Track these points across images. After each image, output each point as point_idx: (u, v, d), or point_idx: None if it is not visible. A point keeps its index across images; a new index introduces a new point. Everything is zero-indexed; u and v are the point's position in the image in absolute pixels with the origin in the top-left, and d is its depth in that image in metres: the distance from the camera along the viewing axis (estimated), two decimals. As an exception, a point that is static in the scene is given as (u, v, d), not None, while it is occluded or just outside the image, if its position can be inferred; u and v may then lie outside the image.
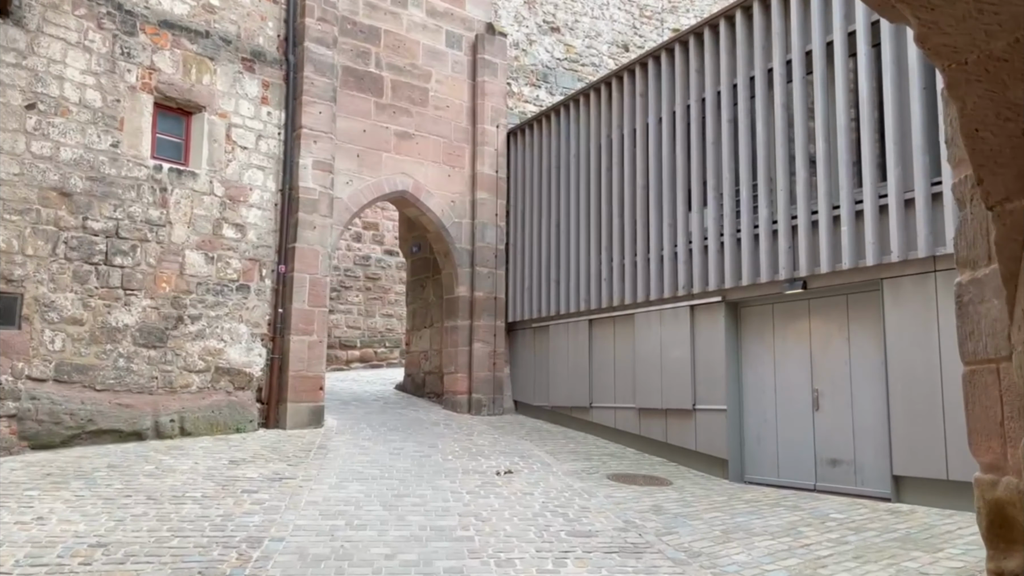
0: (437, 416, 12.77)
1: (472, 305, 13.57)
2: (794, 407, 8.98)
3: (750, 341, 9.62)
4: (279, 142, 11.63)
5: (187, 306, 10.40)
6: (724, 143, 9.75)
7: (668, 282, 10.43)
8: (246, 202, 11.16)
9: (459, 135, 13.80)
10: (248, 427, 10.75)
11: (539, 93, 14.94)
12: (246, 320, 10.99)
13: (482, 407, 13.28)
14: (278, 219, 11.47)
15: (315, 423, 11.25)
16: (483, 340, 13.49)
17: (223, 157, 11.00)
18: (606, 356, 11.65)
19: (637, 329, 11.00)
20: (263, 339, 11.16)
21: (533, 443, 10.95)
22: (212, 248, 10.74)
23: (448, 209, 13.51)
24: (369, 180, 12.62)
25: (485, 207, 13.76)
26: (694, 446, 9.93)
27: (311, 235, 11.59)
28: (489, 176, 13.86)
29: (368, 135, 12.66)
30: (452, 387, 13.55)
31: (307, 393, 11.28)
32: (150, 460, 8.69)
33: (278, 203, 11.51)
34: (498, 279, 13.78)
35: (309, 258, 11.54)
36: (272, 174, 11.50)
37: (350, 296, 20.85)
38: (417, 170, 13.19)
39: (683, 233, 10.29)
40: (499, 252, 13.82)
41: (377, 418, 12.22)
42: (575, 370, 12.22)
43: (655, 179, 10.83)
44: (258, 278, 11.20)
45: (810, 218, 8.65)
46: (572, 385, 12.25)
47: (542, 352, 13.13)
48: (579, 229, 12.35)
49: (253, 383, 11.01)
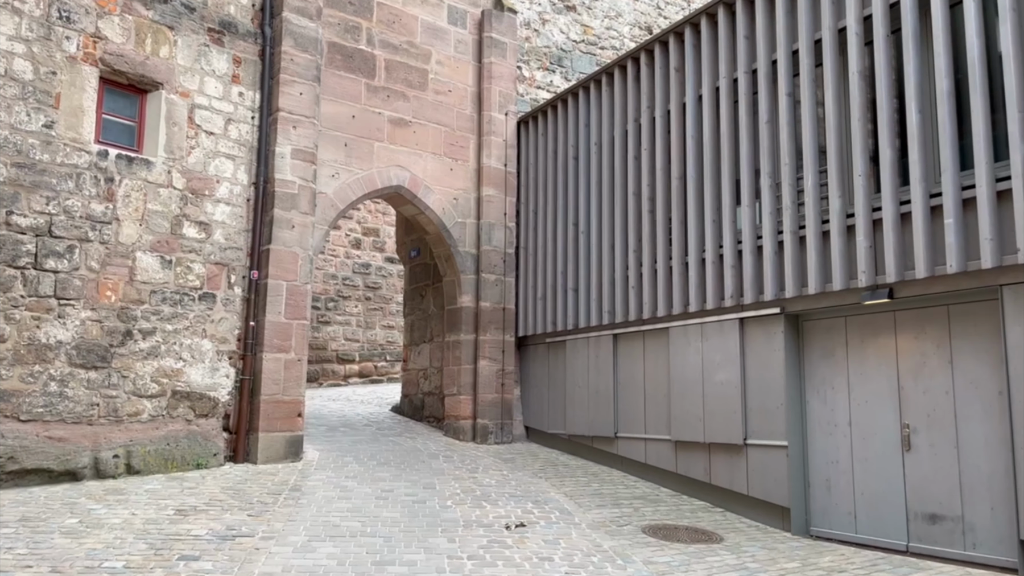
0: (436, 446, 11.05)
1: (477, 317, 11.87)
2: (876, 446, 7.22)
3: (816, 362, 7.87)
4: (252, 127, 9.98)
5: (138, 318, 8.73)
6: (782, 122, 8.03)
7: (712, 291, 8.70)
8: (212, 196, 9.51)
9: (462, 123, 12.13)
10: (211, 462, 9.05)
11: (553, 78, 13.28)
12: (211, 335, 9.31)
13: (488, 434, 11.55)
14: (250, 217, 9.81)
15: (291, 456, 9.54)
16: (489, 357, 11.78)
17: (184, 143, 9.35)
18: (634, 378, 9.92)
19: (672, 346, 9.26)
20: (231, 357, 9.48)
21: (549, 482, 9.21)
22: (170, 250, 9.08)
23: (450, 207, 11.83)
24: (359, 173, 10.95)
25: (492, 205, 12.07)
26: (745, 489, 8.17)
27: (289, 235, 9.92)
28: (496, 170, 12.18)
29: (358, 122, 11.00)
30: (454, 411, 11.83)
31: (282, 421, 9.58)
32: (77, 510, 7.00)
33: (250, 198, 9.85)
34: (507, 287, 12.08)
35: (286, 262, 9.87)
36: (244, 164, 9.84)
37: (348, 306, 19.43)
38: (415, 163, 11.52)
39: (731, 232, 8.55)
40: (508, 257, 12.12)
41: (367, 449, 10.50)
42: (597, 394, 10.48)
43: (695, 168, 9.11)
44: (226, 285, 9.53)
45: (898, 210, 6.91)
46: (594, 411, 10.51)
47: (558, 372, 11.40)
48: (602, 229, 10.65)
49: (218, 409, 9.32)
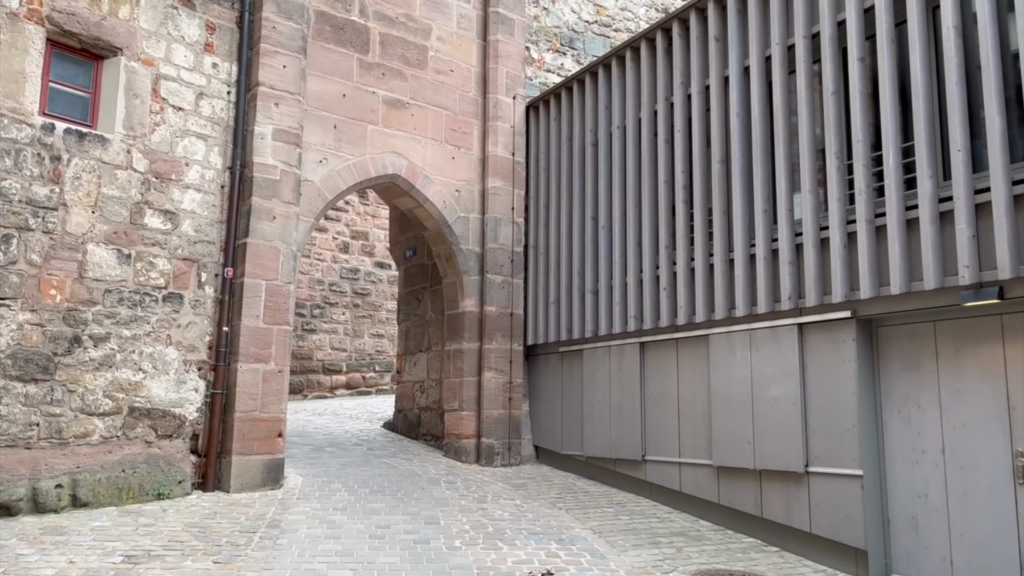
0: (437, 469, 9.73)
1: (482, 323, 10.58)
2: (979, 478, 5.98)
3: (896, 376, 6.63)
4: (228, 104, 8.68)
5: (88, 322, 7.39)
6: (854, 92, 6.82)
7: (764, 292, 7.46)
8: (180, 181, 8.20)
9: (466, 107, 10.87)
10: (175, 491, 7.71)
11: (564, 61, 12.05)
12: (176, 342, 7.99)
13: (494, 456, 10.24)
14: (225, 206, 8.50)
15: (270, 483, 8.21)
16: (495, 368, 10.48)
17: (147, 119, 8.04)
18: (666, 393, 8.65)
19: (714, 356, 8.01)
20: (200, 368, 8.16)
21: (571, 514, 7.92)
22: (129, 242, 7.76)
23: (452, 200, 10.56)
24: (349, 159, 9.66)
25: (498, 198, 10.81)
26: (807, 526, 6.91)
27: (269, 228, 8.62)
28: (503, 159, 10.92)
29: (349, 102, 9.72)
30: (455, 428, 10.52)
31: (260, 442, 8.25)
32: (2, 557, 5.66)
33: (225, 184, 8.55)
34: (515, 290, 10.81)
35: (266, 258, 8.56)
36: (217, 145, 8.54)
37: (335, 314, 18.19)
38: (412, 149, 10.24)
39: (787, 223, 7.32)
40: (516, 256, 10.86)
41: (358, 473, 9.17)
42: (621, 411, 9.20)
43: (742, 150, 7.89)
44: (195, 285, 8.21)
45: (1011, 191, 5.70)
46: (617, 431, 9.23)
47: (573, 385, 10.12)
48: (626, 224, 9.40)
49: (185, 429, 7.98)
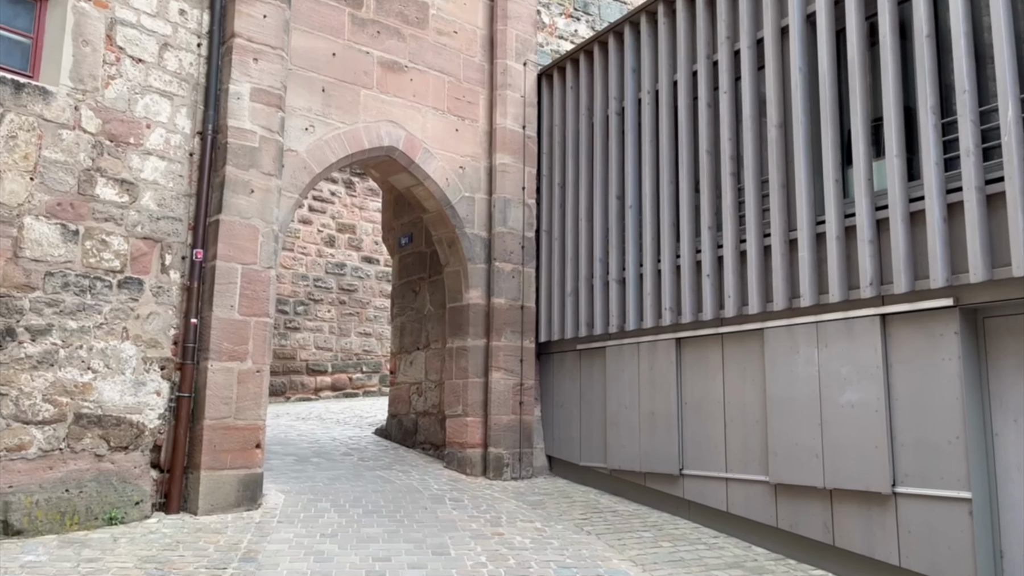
0: (439, 483, 8.49)
1: (489, 317, 9.35)
2: None
3: (1013, 377, 5.46)
4: (199, 58, 7.41)
5: (24, 311, 6.11)
6: (957, 33, 5.66)
7: (837, 277, 6.28)
8: (140, 146, 6.92)
9: (471, 73, 9.64)
10: (131, 514, 6.43)
11: (577, 27, 10.87)
12: (135, 336, 6.72)
13: (503, 467, 9.01)
14: (194, 176, 7.23)
15: (246, 502, 6.94)
16: (504, 368, 9.26)
17: (100, 71, 6.76)
18: (709, 396, 7.46)
19: (770, 353, 6.83)
20: (164, 367, 6.88)
21: (603, 540, 6.71)
22: (76, 216, 6.48)
23: (455, 178, 9.33)
24: (340, 127, 8.40)
25: (508, 176, 9.59)
26: (895, 558, 5.74)
27: (246, 203, 7.35)
28: (513, 132, 9.70)
29: (340, 62, 8.47)
30: (459, 436, 9.28)
31: (235, 454, 6.98)
32: None
33: (194, 152, 7.28)
34: (526, 280, 9.59)
35: (242, 238, 7.29)
36: (186, 106, 7.27)
37: (320, 311, 17.07)
38: (411, 118, 9.00)
39: (866, 194, 6.15)
40: (527, 241, 9.64)
41: (348, 489, 7.92)
42: (653, 416, 8.00)
43: (806, 111, 6.71)
44: (158, 268, 6.94)
45: None
46: (648, 440, 8.03)
47: (594, 387, 8.91)
48: (660, 202, 8.21)
49: (144, 439, 6.70)
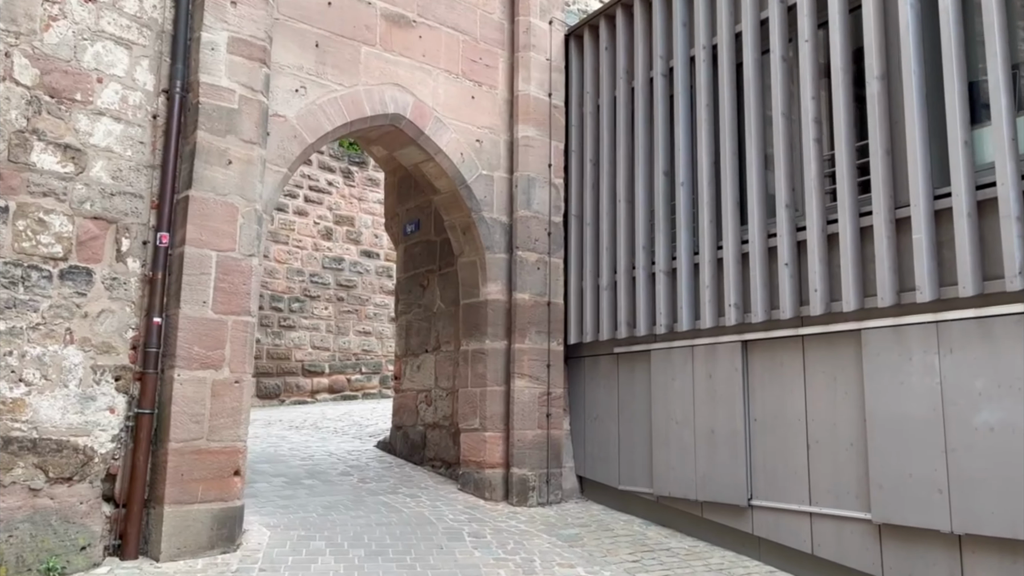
0: (454, 511, 7.16)
1: (510, 315, 8.03)
2: None
3: None
4: (163, 0, 6.08)
5: (-67, 308, 4.79)
6: None
7: (968, 265, 4.95)
8: (89, 104, 5.59)
9: (489, 32, 8.32)
10: (76, 562, 5.12)
11: (608, -15, 9.51)
12: (82, 339, 5.39)
13: (528, 491, 7.70)
14: (158, 143, 5.91)
15: (222, 543, 5.61)
16: (529, 375, 7.94)
17: (38, 10, 5.43)
18: (786, 411, 6.14)
19: (870, 360, 5.51)
20: (120, 378, 5.56)
21: (666, 593, 5.41)
22: (6, 190, 5.16)
23: (471, 153, 8.00)
24: (337, 90, 7.07)
25: (532, 152, 8.26)
26: (1056, 625, 4.45)
27: (223, 176, 6.02)
28: (538, 101, 8.37)
29: (336, 12, 7.14)
30: (476, 454, 7.95)
31: (207, 484, 5.65)
32: None
33: (159, 114, 5.94)
34: (553, 272, 8.26)
35: (218, 219, 5.96)
36: (147, 57, 5.94)
37: (317, 308, 16.09)
38: (421, 82, 7.67)
39: (1010, 157, 4.83)
40: (554, 227, 8.31)
41: (348, 520, 6.58)
42: (712, 434, 6.68)
43: (919, 53, 5.38)
44: (112, 255, 5.61)
45: None
46: (707, 462, 6.71)
47: (636, 398, 7.59)
48: (718, 177, 6.90)
49: (93, 468, 5.38)
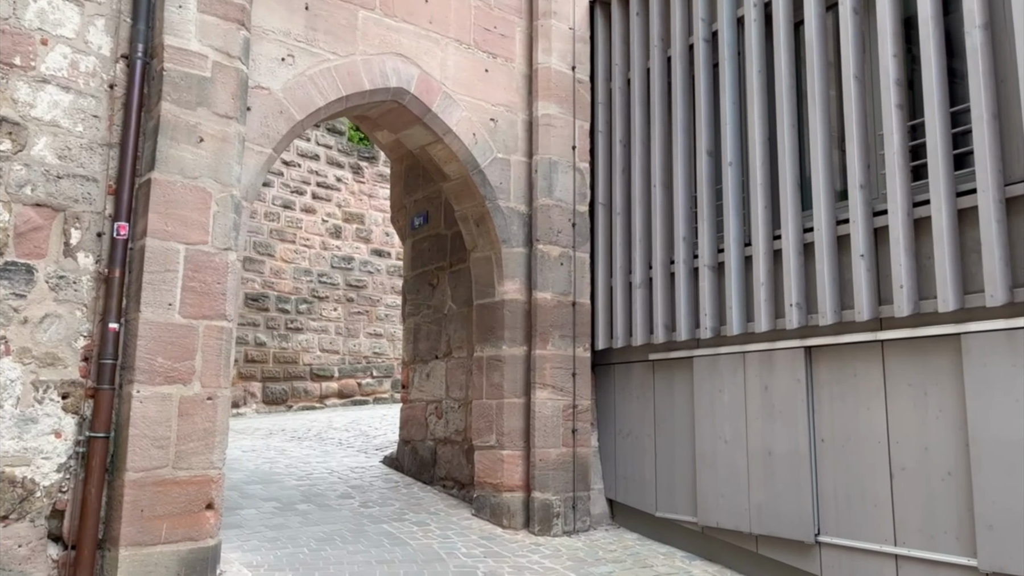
0: (468, 544, 6.21)
1: (530, 317, 7.08)
2: None
3: None
4: (124, -50, 5.19)
5: None
6: None
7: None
8: (30, 70, 4.70)
9: (505, -3, 7.39)
10: (10, 620, 4.22)
11: (636, -51, 8.54)
12: (20, 349, 4.50)
13: (552, 518, 6.74)
14: (116, 118, 5.01)
15: (191, 593, 4.71)
16: (552, 385, 6.98)
17: (-33, -44, 4.55)
18: (862, 430, 5.15)
19: (972, 371, 4.52)
20: (68, 395, 4.66)
21: (725, 657, 4.43)
22: (-76, 170, 4.29)
23: (484, 134, 7.06)
24: (330, 59, 6.14)
25: (554, 133, 7.30)
26: None
27: (192, 156, 5.10)
28: (560, 75, 7.41)
29: (329, -29, 6.22)
30: (492, 476, 7.00)
31: (174, 521, 4.74)
32: None
33: (116, 83, 5.05)
34: (579, 268, 7.30)
35: (187, 206, 5.04)
36: (104, 16, 5.04)
37: (326, 310, 15.58)
38: (427, 52, 6.74)
39: None
40: (580, 217, 7.35)
41: (344, 557, 5.64)
42: (770, 456, 5.70)
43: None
44: (58, 250, 4.72)
45: None
46: (763, 488, 5.72)
47: (676, 411, 6.62)
48: (774, 155, 5.91)
49: (35, 503, 4.48)
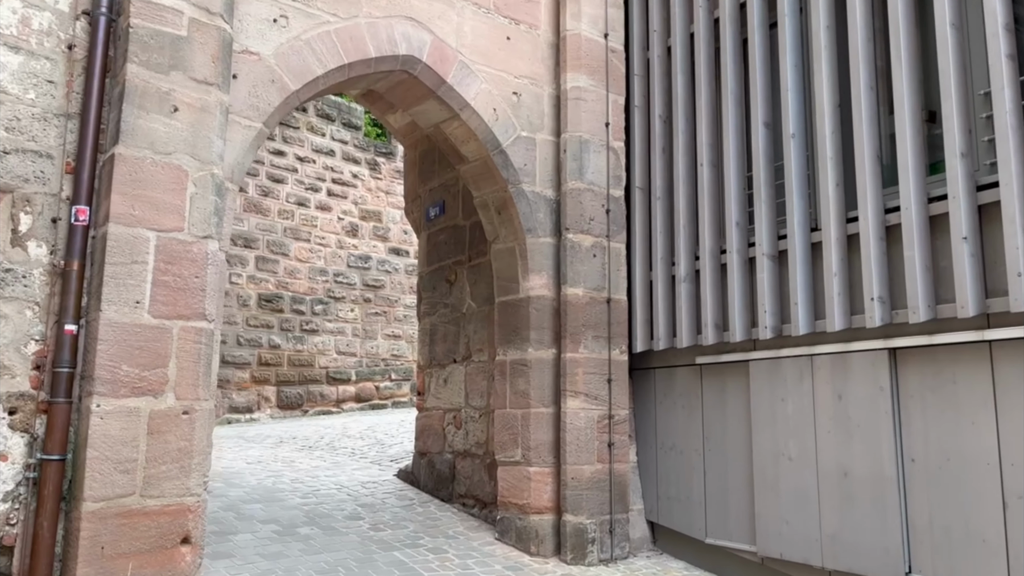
0: (491, 574, 5.40)
1: (560, 316, 6.25)
2: None
3: None
4: None
5: None
6: None
7: None
8: (-31, 25, 3.98)
9: (529, -44, 6.57)
10: None
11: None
12: (-44, 357, 3.77)
13: (587, 544, 5.91)
14: (75, 84, 4.26)
15: (161, 646, 3.94)
16: (585, 393, 6.14)
17: None
18: (964, 449, 4.28)
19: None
20: (15, 411, 3.92)
21: None
22: None
23: (506, 109, 6.25)
24: (331, 21, 5.37)
25: (585, 108, 6.47)
26: None
27: (164, 128, 4.34)
28: (591, 43, 6.58)
29: (328, -78, 5.44)
30: (517, 495, 6.18)
31: (141, 560, 3.98)
32: None
33: (75, 43, 4.30)
34: (613, 259, 6.46)
35: (158, 186, 4.28)
36: (60, -34, 4.31)
37: (343, 310, 14.98)
38: (441, 16, 5.94)
39: None
40: (614, 202, 6.51)
41: (346, 596, 4.87)
42: (846, 477, 4.84)
43: None
44: (4, 238, 3.99)
45: None
46: (837, 515, 4.86)
47: (729, 422, 5.76)
48: (847, 126, 5.04)
49: (-28, 540, 3.75)
